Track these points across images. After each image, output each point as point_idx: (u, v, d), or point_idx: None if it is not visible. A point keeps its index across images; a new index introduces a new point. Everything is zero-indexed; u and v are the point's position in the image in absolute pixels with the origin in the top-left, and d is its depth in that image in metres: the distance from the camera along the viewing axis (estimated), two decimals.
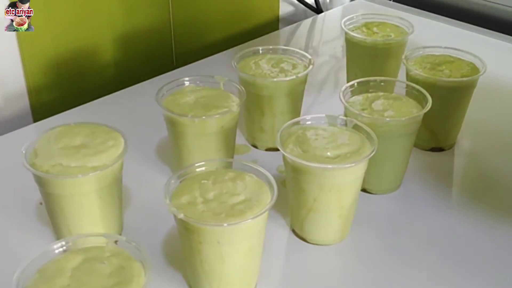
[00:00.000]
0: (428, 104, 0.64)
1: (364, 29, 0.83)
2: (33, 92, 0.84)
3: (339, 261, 0.58)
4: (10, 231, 0.60)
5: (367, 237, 0.60)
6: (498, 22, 1.06)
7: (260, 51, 0.75)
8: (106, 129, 0.58)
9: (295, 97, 0.72)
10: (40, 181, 0.54)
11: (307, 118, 0.61)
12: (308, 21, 1.13)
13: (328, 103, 0.85)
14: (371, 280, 0.55)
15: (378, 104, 0.64)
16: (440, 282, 0.55)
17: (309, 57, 0.73)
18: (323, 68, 0.94)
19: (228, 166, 0.55)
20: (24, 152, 0.55)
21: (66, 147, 0.55)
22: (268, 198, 0.50)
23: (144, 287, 0.43)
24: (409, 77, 0.72)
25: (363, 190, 0.65)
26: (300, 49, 0.75)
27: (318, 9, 1.18)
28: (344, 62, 0.87)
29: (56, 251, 0.46)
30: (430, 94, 0.65)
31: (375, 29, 0.83)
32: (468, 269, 0.57)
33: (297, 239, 0.60)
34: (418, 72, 0.70)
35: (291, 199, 0.59)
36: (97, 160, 0.54)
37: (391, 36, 0.82)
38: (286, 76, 0.69)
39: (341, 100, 0.64)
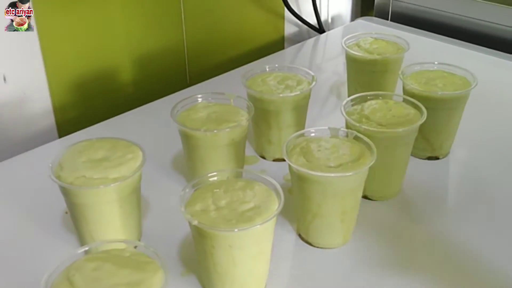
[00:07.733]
0: (423, 116, 0.64)
1: (363, 46, 0.84)
2: (58, 110, 0.85)
3: (342, 263, 0.58)
4: (38, 237, 0.61)
5: (368, 240, 0.60)
6: (487, 38, 1.06)
7: (267, 69, 0.75)
8: (125, 143, 0.59)
9: (300, 111, 0.72)
10: (65, 192, 0.55)
11: (311, 131, 0.62)
12: (311, 41, 1.14)
13: (331, 116, 0.86)
14: (372, 279, 0.55)
15: (375, 113, 0.65)
16: (437, 283, 0.55)
17: (312, 74, 0.73)
18: (326, 83, 0.94)
19: (239, 175, 0.56)
20: (50, 165, 0.55)
21: (89, 160, 0.56)
22: (275, 205, 0.51)
23: None
24: (405, 91, 0.72)
25: (364, 196, 0.65)
26: (304, 66, 0.75)
27: (320, 29, 1.19)
28: (345, 78, 0.88)
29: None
30: (425, 107, 0.65)
31: (373, 46, 0.84)
32: (463, 273, 0.56)
33: (303, 243, 0.60)
34: (414, 86, 0.71)
35: (297, 206, 0.59)
36: (117, 172, 0.54)
37: (388, 53, 0.82)
38: (291, 92, 0.70)
39: (342, 113, 0.64)
